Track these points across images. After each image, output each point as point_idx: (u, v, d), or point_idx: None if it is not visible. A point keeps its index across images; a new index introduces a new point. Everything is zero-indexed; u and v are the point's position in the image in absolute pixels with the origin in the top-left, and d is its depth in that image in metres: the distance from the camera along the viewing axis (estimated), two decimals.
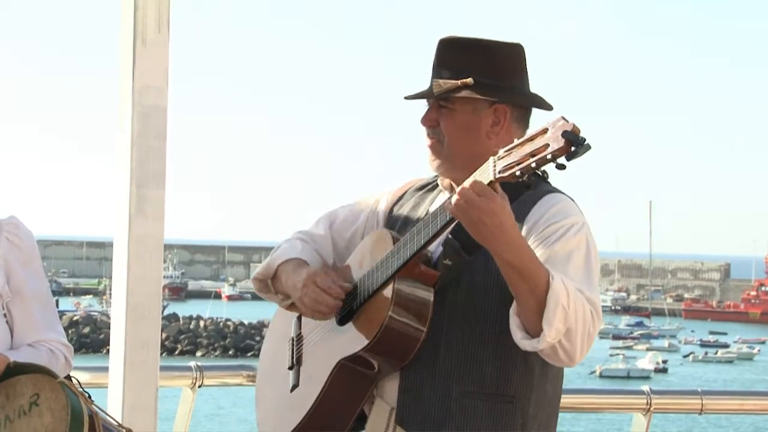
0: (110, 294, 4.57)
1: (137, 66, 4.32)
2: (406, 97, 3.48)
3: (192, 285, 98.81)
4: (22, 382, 3.16)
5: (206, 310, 70.54)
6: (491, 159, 3.09)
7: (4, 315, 3.36)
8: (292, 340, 3.63)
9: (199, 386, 4.83)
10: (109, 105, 4.53)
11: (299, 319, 3.66)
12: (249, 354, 60.39)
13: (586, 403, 5.46)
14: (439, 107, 3.42)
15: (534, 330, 3.16)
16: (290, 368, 3.59)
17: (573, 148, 2.92)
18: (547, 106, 3.45)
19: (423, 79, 3.50)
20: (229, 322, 66.35)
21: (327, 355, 3.43)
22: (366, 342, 3.30)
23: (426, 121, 3.45)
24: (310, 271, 3.49)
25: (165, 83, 4.37)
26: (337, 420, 3.42)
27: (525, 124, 3.45)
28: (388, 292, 3.32)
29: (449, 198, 3.16)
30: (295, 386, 3.54)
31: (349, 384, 3.38)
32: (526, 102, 3.44)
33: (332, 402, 3.39)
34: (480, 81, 3.37)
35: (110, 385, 4.37)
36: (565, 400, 3.75)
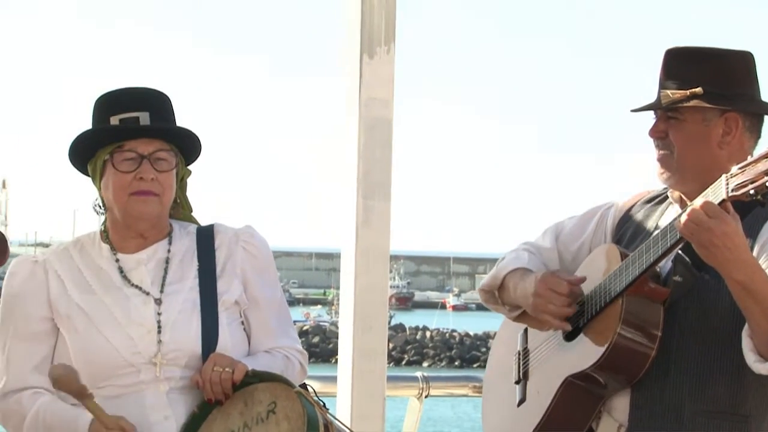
0: (338, 304, 4.62)
1: (364, 79, 4.38)
2: (632, 110, 3.42)
3: (418, 295, 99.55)
4: (260, 390, 3.23)
5: (432, 320, 70.94)
6: (723, 177, 3.02)
7: (242, 322, 3.44)
8: (519, 353, 3.61)
9: (426, 396, 4.85)
10: (335, 117, 4.59)
11: (526, 332, 3.64)
12: (475, 365, 60.44)
13: None
14: (668, 118, 3.36)
15: (767, 352, 3.07)
16: (517, 382, 3.57)
17: None
18: None
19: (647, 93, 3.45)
20: (455, 333, 66.58)
21: (554, 371, 3.40)
22: (594, 360, 3.26)
23: (654, 132, 3.39)
24: (538, 276, 3.47)
25: (390, 95, 4.42)
26: None
27: (757, 133, 3.37)
28: (616, 309, 3.27)
29: (678, 217, 3.09)
30: (522, 401, 3.53)
31: (577, 401, 3.35)
32: (759, 110, 3.34)
33: (559, 418, 3.36)
34: (709, 90, 3.30)
35: (339, 394, 4.44)
36: None
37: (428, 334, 66.74)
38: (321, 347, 62.66)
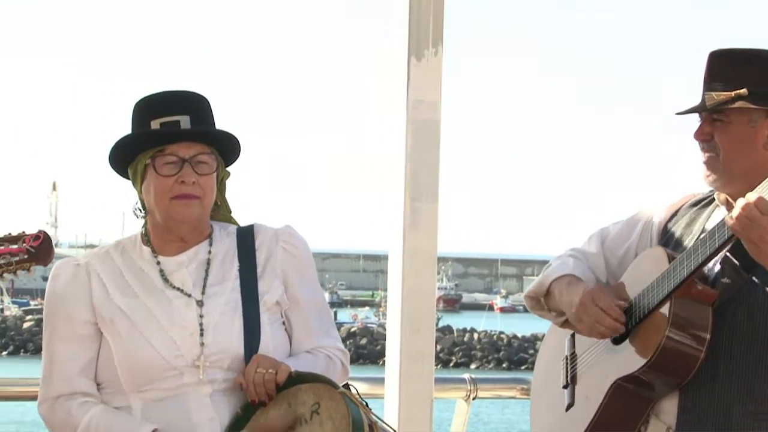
0: (386, 306, 4.64)
1: (411, 81, 4.38)
2: (677, 113, 3.42)
3: (466, 297, 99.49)
4: (303, 391, 3.24)
5: (480, 322, 70.84)
6: None
7: (283, 323, 3.45)
8: (566, 358, 3.62)
9: (474, 398, 4.85)
10: (381, 120, 4.60)
11: (573, 337, 3.63)
12: (523, 367, 60.32)
13: None
14: (713, 120, 3.35)
15: None
16: (565, 387, 3.58)
17: None
18: None
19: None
20: (502, 335, 66.48)
21: (602, 374, 3.40)
22: (643, 362, 3.26)
23: (699, 135, 3.38)
24: (587, 288, 3.46)
25: (438, 97, 4.42)
26: None
27: None
28: (664, 311, 3.26)
29: (730, 213, 3.08)
30: (570, 405, 3.53)
31: (625, 404, 3.34)
32: None
33: (608, 422, 3.36)
34: (755, 91, 3.30)
35: (386, 396, 4.44)
36: None
37: (476, 336, 66.64)
38: (368, 349, 62.72)
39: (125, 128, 3.42)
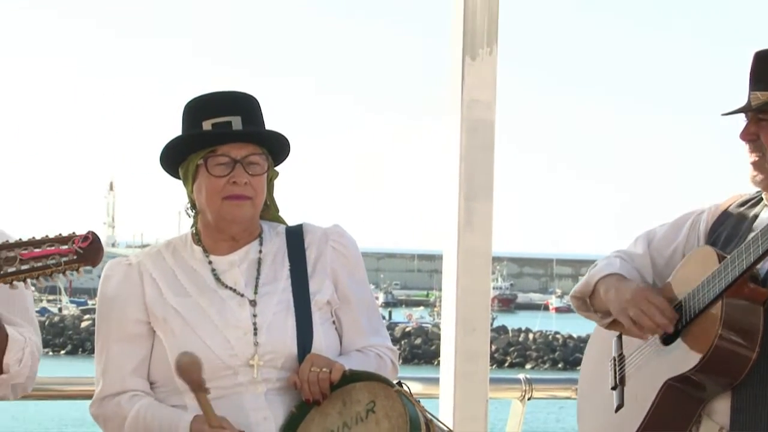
0: (441, 306, 4.67)
1: (466, 80, 4.38)
2: (723, 114, 3.41)
3: (521, 297, 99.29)
4: (357, 390, 3.25)
5: (535, 322, 70.66)
6: None
7: (333, 322, 3.46)
8: (614, 359, 3.61)
9: (529, 399, 4.84)
10: (436, 119, 4.60)
11: (620, 338, 3.62)
12: (578, 368, 59.89)
13: None
14: (759, 120, 3.36)
15: None
16: (613, 388, 3.57)
17: None
18: None
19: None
20: (558, 335, 66.29)
21: (652, 375, 3.38)
22: (695, 362, 3.25)
23: (745, 135, 3.38)
24: (639, 286, 3.44)
25: (493, 97, 4.42)
26: None
27: None
28: (716, 311, 3.25)
29: None
30: (620, 406, 3.51)
31: (677, 404, 3.33)
32: None
33: (659, 422, 3.35)
34: None
35: (441, 395, 4.45)
36: None
37: (531, 336, 66.47)
38: (423, 349, 62.60)
39: (180, 128, 3.44)
